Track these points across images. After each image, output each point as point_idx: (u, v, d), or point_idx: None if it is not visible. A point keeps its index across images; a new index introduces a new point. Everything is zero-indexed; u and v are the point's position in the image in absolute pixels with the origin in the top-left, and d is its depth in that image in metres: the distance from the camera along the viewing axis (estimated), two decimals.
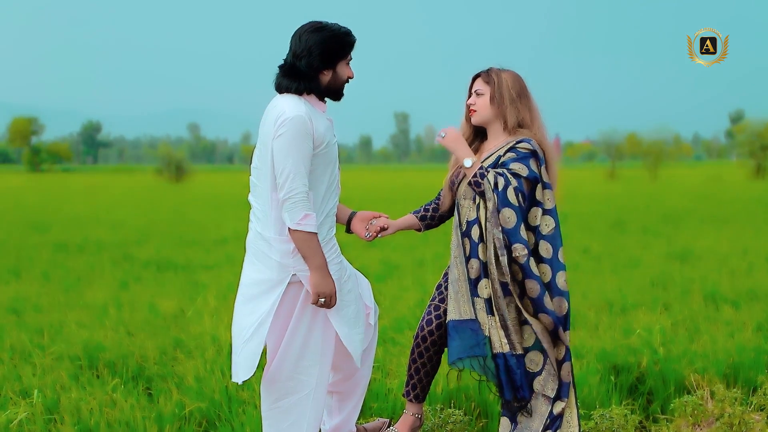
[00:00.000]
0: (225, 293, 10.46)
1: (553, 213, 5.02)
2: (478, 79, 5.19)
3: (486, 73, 5.18)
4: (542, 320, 4.94)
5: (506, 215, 4.88)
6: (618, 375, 6.81)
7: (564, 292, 5.00)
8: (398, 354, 7.40)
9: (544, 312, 4.92)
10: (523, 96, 5.15)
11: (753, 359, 7.02)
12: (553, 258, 4.98)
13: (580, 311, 9.21)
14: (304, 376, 4.78)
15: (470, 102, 5.18)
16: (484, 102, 5.13)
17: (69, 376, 6.73)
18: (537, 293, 4.90)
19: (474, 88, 5.19)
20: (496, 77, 5.13)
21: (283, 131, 4.52)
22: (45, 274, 12.85)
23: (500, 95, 5.10)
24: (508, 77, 5.14)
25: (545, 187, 5.01)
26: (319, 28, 4.67)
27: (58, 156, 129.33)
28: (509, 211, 4.88)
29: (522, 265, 4.89)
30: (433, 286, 10.66)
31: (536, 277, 4.90)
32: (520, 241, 4.88)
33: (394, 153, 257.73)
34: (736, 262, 13.32)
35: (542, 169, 5.00)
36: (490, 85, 5.13)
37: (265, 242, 4.68)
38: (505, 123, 5.10)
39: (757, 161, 60.42)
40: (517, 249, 4.88)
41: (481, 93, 5.14)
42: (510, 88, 5.11)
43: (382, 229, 5.29)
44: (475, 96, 5.17)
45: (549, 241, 4.98)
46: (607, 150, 77.71)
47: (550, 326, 4.95)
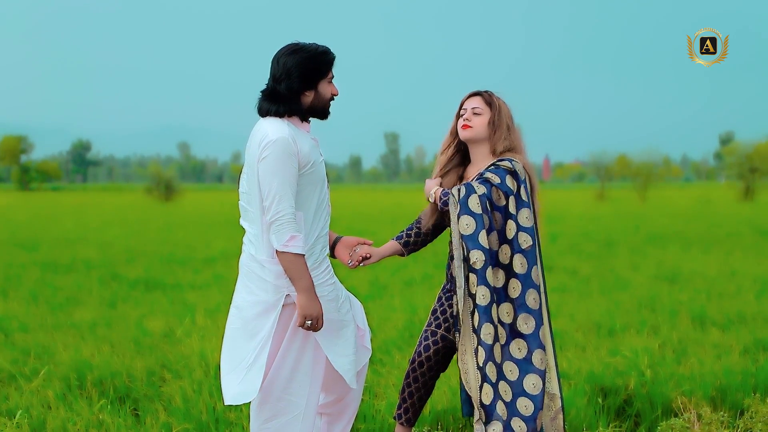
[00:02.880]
0: (213, 313, 10.45)
1: (530, 231, 5.00)
2: (477, 97, 5.23)
3: (487, 93, 5.22)
4: (484, 330, 4.92)
5: (465, 222, 4.90)
6: (606, 397, 6.82)
7: (533, 311, 4.98)
8: (386, 375, 7.40)
9: (488, 322, 4.90)
10: (513, 126, 5.21)
11: (740, 382, 7.04)
12: (526, 274, 4.96)
13: (568, 333, 9.22)
14: (295, 397, 4.77)
15: (466, 117, 5.20)
16: (482, 121, 5.16)
17: (56, 395, 6.71)
18: (486, 302, 4.89)
19: (471, 105, 5.21)
20: (498, 102, 5.18)
21: (267, 154, 4.53)
22: (33, 294, 12.82)
23: (499, 121, 5.15)
24: (503, 105, 5.20)
25: (522, 206, 5.01)
26: (296, 49, 4.69)
27: (48, 174, 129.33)
28: (468, 219, 4.90)
29: (476, 271, 4.89)
30: (421, 307, 10.69)
31: (488, 285, 4.89)
32: (477, 247, 4.88)
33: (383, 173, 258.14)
34: (724, 284, 13.35)
35: (521, 189, 5.02)
36: (492, 109, 5.17)
37: (259, 264, 4.69)
38: (494, 148, 5.13)
39: (746, 183, 60.54)
40: (474, 255, 4.88)
41: (479, 112, 5.18)
42: (507, 116, 5.18)
43: (365, 258, 5.28)
44: (472, 113, 5.19)
45: (525, 256, 4.97)
46: (596, 171, 77.69)
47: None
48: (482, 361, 4.87)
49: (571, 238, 23.30)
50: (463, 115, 5.23)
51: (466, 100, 5.27)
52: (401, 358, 7.94)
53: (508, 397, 4.93)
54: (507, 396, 4.93)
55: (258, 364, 4.66)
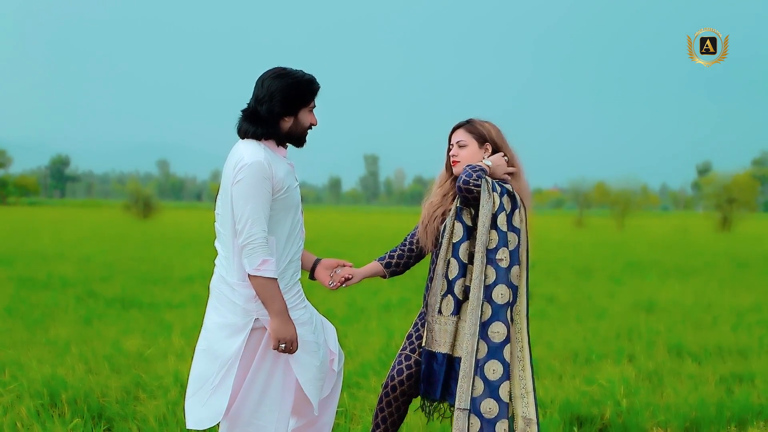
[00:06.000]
0: (190, 332, 10.40)
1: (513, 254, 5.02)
2: (460, 129, 5.25)
3: (468, 123, 5.24)
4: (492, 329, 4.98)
5: (501, 219, 4.98)
6: (581, 426, 6.82)
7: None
8: (363, 399, 7.38)
9: (500, 321, 4.98)
10: (505, 147, 5.22)
11: (715, 414, 7.06)
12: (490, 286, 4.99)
13: (545, 360, 9.23)
14: (264, 421, 4.75)
15: (453, 153, 5.22)
16: (469, 153, 5.17)
17: (29, 413, 6.66)
18: (505, 300, 4.97)
19: (456, 139, 5.23)
20: (481, 127, 5.19)
21: (242, 177, 4.54)
22: (8, 310, 12.73)
23: (494, 144, 5.18)
24: (491, 128, 5.21)
25: (510, 228, 5.01)
26: (282, 74, 4.70)
27: (26, 189, 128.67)
28: (503, 216, 4.99)
29: (499, 268, 4.98)
30: (398, 331, 10.68)
31: (510, 285, 4.98)
32: (505, 245, 4.99)
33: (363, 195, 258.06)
34: (701, 315, 13.40)
35: (515, 213, 5.02)
36: (473, 136, 5.18)
37: (228, 287, 4.68)
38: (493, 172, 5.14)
39: (723, 214, 60.81)
40: (501, 252, 4.95)
41: (464, 144, 5.19)
42: (498, 138, 5.19)
43: (347, 279, 5.26)
44: (458, 147, 5.20)
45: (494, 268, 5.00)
46: (575, 198, 78.02)
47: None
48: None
49: (549, 264, 23.36)
50: (451, 150, 5.25)
51: (451, 135, 5.29)
52: (377, 381, 7.91)
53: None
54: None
55: (223, 387, 4.64)
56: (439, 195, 5.36)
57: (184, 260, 23.23)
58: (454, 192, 5.30)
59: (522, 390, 5.00)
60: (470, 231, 5.05)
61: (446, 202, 5.31)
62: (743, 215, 63.08)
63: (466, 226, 5.05)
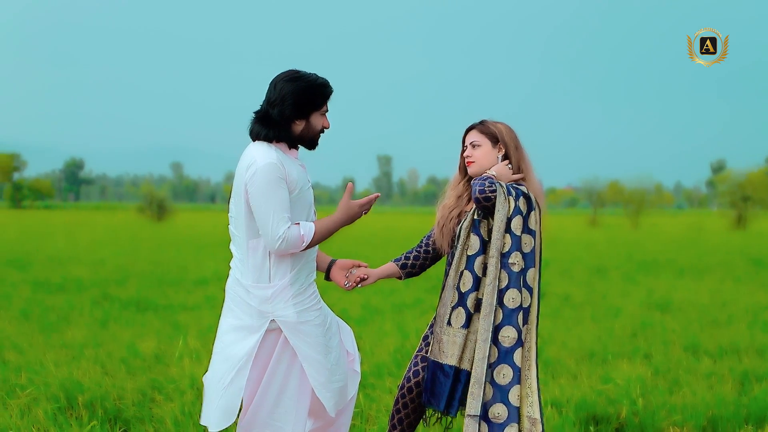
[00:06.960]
0: (205, 335, 10.42)
1: (529, 256, 5.01)
2: (473, 131, 5.24)
3: (481, 124, 5.23)
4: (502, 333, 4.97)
5: (516, 223, 4.98)
6: (597, 425, 6.81)
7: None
8: (378, 399, 7.38)
9: (511, 325, 4.97)
10: (519, 147, 5.21)
11: (732, 413, 7.03)
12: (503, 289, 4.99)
13: (561, 360, 9.21)
14: (280, 423, 4.76)
15: (467, 154, 5.21)
16: (483, 153, 5.16)
17: (46, 416, 6.68)
18: (516, 305, 4.96)
19: (470, 140, 5.22)
20: (494, 128, 5.18)
21: (256, 180, 4.56)
22: (24, 313, 12.77)
23: (505, 145, 5.17)
24: (504, 128, 5.20)
25: (525, 231, 5.00)
26: (295, 77, 4.70)
27: (40, 192, 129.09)
28: (519, 219, 4.98)
29: (511, 272, 4.97)
30: (413, 331, 10.67)
31: (519, 288, 4.97)
32: (518, 250, 4.97)
33: None
34: (716, 313, 13.36)
35: (531, 215, 5.02)
36: (487, 136, 5.18)
37: (243, 289, 4.69)
38: None
39: (737, 211, 60.71)
40: (514, 257, 4.96)
41: (478, 144, 5.18)
42: (511, 139, 5.18)
43: (362, 279, 5.26)
44: (471, 147, 5.20)
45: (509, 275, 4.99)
46: (589, 197, 77.94)
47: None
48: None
49: (563, 263, 23.32)
50: (465, 151, 5.25)
51: (465, 136, 5.29)
52: (393, 382, 7.92)
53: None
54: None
55: (234, 387, 4.65)
56: (454, 197, 5.36)
57: (198, 262, 23.26)
58: (468, 194, 5.30)
59: (527, 390, 4.99)
60: (486, 245, 5.03)
61: (461, 204, 5.31)
62: (758, 213, 62.94)
63: (483, 240, 5.03)
